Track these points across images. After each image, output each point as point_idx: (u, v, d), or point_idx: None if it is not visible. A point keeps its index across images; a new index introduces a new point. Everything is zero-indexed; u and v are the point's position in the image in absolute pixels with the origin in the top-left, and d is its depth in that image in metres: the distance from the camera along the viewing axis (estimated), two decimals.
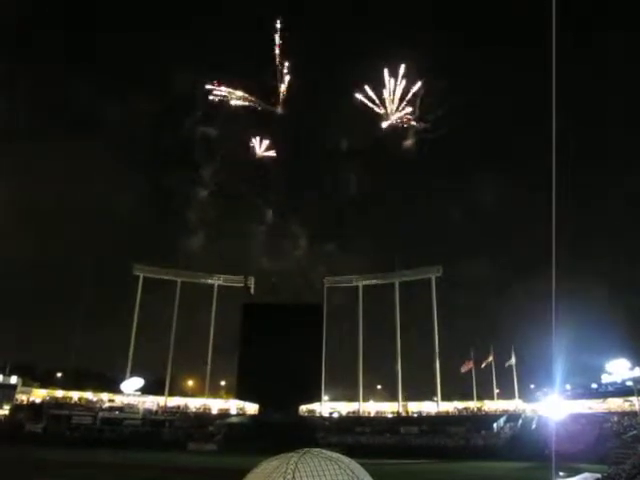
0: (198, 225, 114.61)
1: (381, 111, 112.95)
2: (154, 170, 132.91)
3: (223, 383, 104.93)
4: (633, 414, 72.63)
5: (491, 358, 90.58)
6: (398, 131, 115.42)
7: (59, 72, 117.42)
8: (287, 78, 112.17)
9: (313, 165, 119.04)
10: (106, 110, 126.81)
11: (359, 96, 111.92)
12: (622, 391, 79.56)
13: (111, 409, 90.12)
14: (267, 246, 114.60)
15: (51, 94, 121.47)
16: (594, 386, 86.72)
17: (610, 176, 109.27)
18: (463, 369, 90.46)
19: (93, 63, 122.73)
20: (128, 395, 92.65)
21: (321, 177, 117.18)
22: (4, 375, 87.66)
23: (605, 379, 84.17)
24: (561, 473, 36.14)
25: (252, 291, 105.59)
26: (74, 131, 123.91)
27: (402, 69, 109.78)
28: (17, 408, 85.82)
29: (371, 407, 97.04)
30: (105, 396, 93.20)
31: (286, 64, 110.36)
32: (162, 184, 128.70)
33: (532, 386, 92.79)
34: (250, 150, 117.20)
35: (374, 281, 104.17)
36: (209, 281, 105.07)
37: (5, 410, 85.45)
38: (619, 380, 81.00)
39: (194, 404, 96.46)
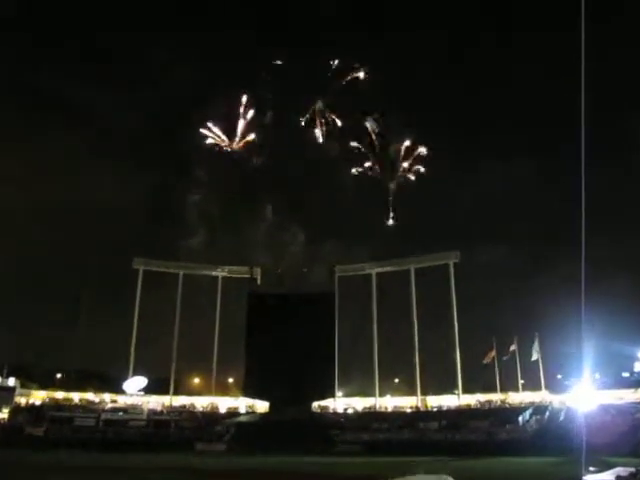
0: (198, 222, 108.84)
1: None
2: (153, 169, 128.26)
3: (231, 380, 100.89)
4: None
5: (514, 347, 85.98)
6: None
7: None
8: None
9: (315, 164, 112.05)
10: (105, 106, 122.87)
11: None
12: None
13: (114, 410, 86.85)
14: (272, 238, 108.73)
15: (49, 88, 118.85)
16: (626, 375, 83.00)
17: None
18: (486, 360, 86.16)
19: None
20: (131, 395, 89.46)
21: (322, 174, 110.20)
22: (2, 377, 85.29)
23: (638, 367, 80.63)
24: (592, 468, 32.16)
25: (258, 282, 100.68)
26: (72, 126, 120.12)
27: None
28: (16, 411, 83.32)
29: (388, 402, 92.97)
30: (107, 397, 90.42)
31: None
32: (161, 183, 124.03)
33: (559, 376, 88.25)
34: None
35: (388, 268, 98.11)
36: (213, 273, 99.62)
37: (4, 413, 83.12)
38: None
39: (201, 403, 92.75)
